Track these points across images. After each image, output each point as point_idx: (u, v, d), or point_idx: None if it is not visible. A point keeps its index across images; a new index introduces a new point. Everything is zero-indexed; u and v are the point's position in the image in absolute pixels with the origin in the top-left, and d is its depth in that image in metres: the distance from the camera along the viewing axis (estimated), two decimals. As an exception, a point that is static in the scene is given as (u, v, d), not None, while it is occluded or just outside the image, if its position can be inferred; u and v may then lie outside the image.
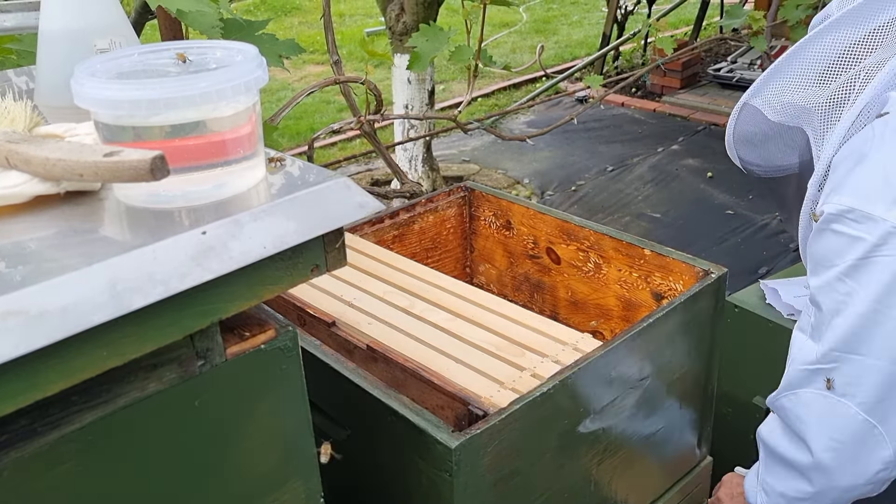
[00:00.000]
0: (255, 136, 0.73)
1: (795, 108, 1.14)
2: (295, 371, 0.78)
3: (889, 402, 1.00)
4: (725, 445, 1.66)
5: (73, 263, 0.59)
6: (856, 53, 1.08)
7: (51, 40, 0.84)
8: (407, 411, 1.02)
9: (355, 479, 1.19)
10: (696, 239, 3.65)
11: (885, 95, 1.02)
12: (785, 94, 1.15)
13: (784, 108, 1.15)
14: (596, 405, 1.14)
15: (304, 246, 0.71)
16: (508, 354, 1.19)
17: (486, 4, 2.07)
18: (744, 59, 5.76)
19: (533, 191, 4.47)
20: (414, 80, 3.78)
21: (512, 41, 7.35)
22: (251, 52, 0.73)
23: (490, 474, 1.01)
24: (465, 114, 2.34)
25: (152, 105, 0.65)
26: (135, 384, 0.67)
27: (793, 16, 2.82)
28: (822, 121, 1.09)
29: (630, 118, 5.46)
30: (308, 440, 0.81)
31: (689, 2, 6.19)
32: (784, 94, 1.15)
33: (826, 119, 1.08)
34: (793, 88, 1.14)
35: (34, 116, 0.77)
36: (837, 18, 1.10)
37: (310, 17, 8.30)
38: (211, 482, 0.75)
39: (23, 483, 0.62)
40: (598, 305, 1.56)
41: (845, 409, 1.02)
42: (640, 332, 1.17)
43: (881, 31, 1.07)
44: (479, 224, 1.74)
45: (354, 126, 1.88)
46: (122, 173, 0.62)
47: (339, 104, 5.76)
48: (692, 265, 1.36)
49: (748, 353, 1.77)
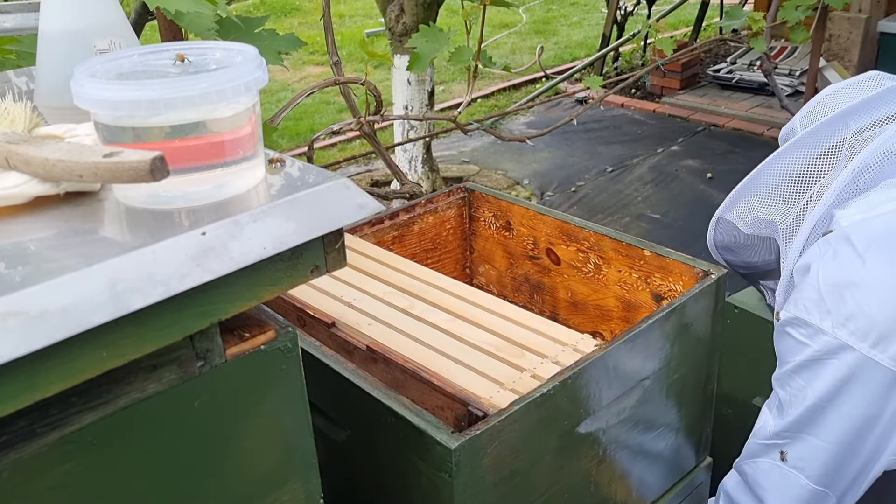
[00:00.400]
0: (255, 136, 0.73)
1: (764, 222, 1.27)
2: (295, 372, 0.78)
3: (835, 474, 1.13)
4: (725, 446, 1.65)
5: (72, 264, 0.59)
6: (814, 172, 1.20)
7: (50, 41, 0.84)
8: (407, 412, 1.02)
9: (355, 480, 1.19)
10: (695, 240, 3.64)
11: (831, 212, 1.14)
12: (754, 209, 1.28)
13: (755, 221, 1.28)
14: (596, 406, 1.14)
15: (304, 247, 0.71)
16: (508, 355, 1.19)
17: (485, 5, 2.07)
18: (743, 60, 5.77)
19: (533, 192, 4.47)
20: (414, 80, 3.78)
21: (512, 42, 7.36)
22: (251, 53, 0.73)
23: (490, 475, 1.01)
24: (464, 115, 2.34)
25: (152, 106, 0.65)
26: (134, 385, 0.67)
27: (792, 17, 2.82)
28: (786, 236, 1.22)
29: (630, 119, 5.46)
30: (308, 441, 0.81)
31: (688, 3, 6.19)
32: (753, 209, 1.28)
33: (788, 235, 1.22)
34: (760, 205, 1.27)
35: (34, 117, 0.77)
36: (798, 139, 1.22)
37: (309, 18, 8.30)
38: (210, 483, 0.75)
39: (22, 484, 0.62)
40: (597, 306, 1.56)
41: (797, 480, 1.15)
42: (640, 333, 1.17)
43: (833, 153, 1.19)
44: (478, 225, 1.74)
45: (354, 127, 1.88)
46: (122, 174, 0.62)
47: (338, 105, 5.76)
48: (692, 266, 1.36)
49: (748, 353, 1.77)
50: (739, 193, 1.29)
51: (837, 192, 1.13)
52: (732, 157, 4.62)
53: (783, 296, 1.19)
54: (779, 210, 1.24)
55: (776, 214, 1.24)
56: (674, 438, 1.36)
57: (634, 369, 1.19)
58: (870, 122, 1.18)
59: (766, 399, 1.22)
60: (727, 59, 5.91)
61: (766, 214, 1.26)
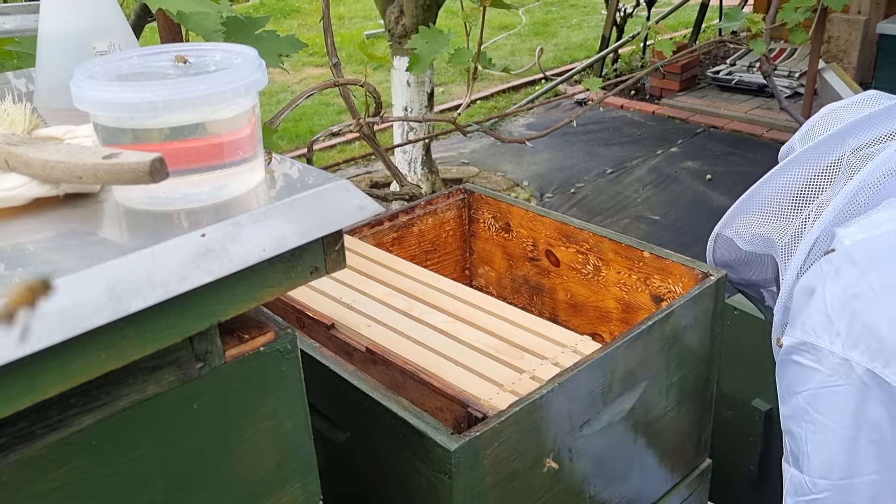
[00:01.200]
0: (255, 138, 0.73)
1: (762, 239, 1.25)
2: (294, 373, 0.78)
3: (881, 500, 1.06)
4: (725, 448, 1.66)
5: (72, 266, 0.59)
6: (813, 189, 1.19)
7: (50, 42, 0.84)
8: (406, 414, 1.02)
9: (354, 482, 1.19)
10: (695, 241, 3.65)
11: (832, 230, 1.11)
12: (752, 226, 1.26)
13: (753, 238, 1.27)
14: (595, 408, 1.14)
15: (304, 248, 0.71)
16: (508, 357, 1.19)
17: (485, 7, 2.07)
18: (742, 62, 5.78)
19: (532, 193, 4.47)
20: (413, 82, 3.78)
21: (511, 44, 7.36)
22: (250, 55, 0.73)
23: (490, 476, 1.01)
24: (464, 116, 2.34)
25: (151, 107, 0.65)
26: (134, 386, 0.67)
27: (791, 18, 2.82)
28: (784, 253, 1.20)
29: (629, 120, 5.47)
30: (307, 442, 0.81)
31: (688, 5, 6.19)
32: (751, 226, 1.26)
33: (787, 252, 1.19)
34: (758, 221, 1.25)
35: (33, 119, 0.77)
36: (796, 156, 1.21)
37: (309, 20, 8.31)
38: (210, 484, 0.75)
39: (21, 486, 0.62)
40: (597, 308, 1.56)
41: None
42: (640, 335, 1.17)
43: (831, 170, 1.18)
44: (478, 226, 1.74)
45: (354, 128, 1.88)
46: (122, 175, 0.62)
47: (338, 106, 5.76)
48: (691, 267, 1.36)
49: (748, 355, 1.77)
50: (737, 210, 1.28)
51: (838, 209, 1.12)
52: (732, 158, 4.62)
53: (781, 314, 1.17)
54: (777, 226, 1.22)
55: (774, 231, 1.23)
56: (673, 440, 1.36)
57: (634, 371, 1.19)
58: (868, 140, 1.17)
59: (765, 400, 1.20)
60: (726, 60, 5.92)
61: (764, 231, 1.25)
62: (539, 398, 1.04)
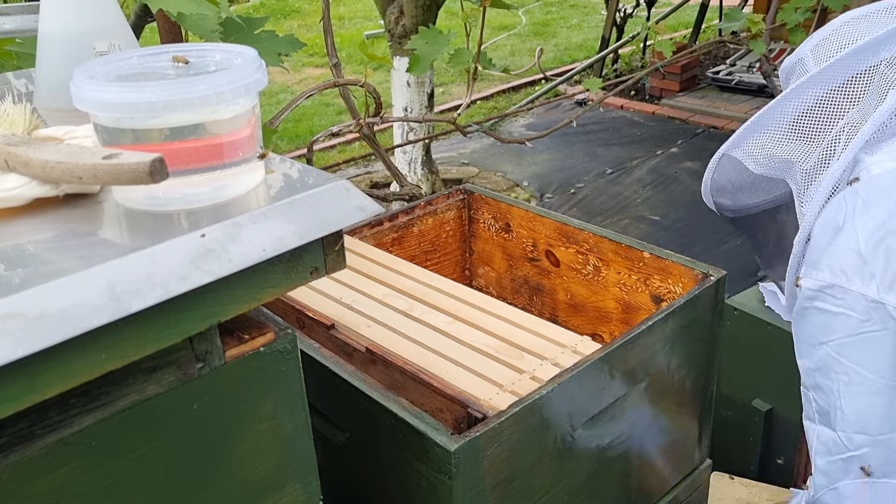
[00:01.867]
0: (255, 138, 0.73)
1: (779, 161, 1.13)
2: (294, 373, 0.78)
3: None
4: (725, 448, 1.66)
5: (72, 266, 0.59)
6: (837, 107, 1.07)
7: (50, 43, 0.84)
8: (406, 414, 1.02)
9: (354, 482, 1.19)
10: (695, 241, 3.65)
11: (857, 157, 1.01)
12: (767, 146, 1.14)
13: (767, 160, 1.14)
14: (595, 408, 1.14)
15: (304, 248, 0.71)
16: (508, 357, 1.19)
17: (485, 7, 2.07)
18: (742, 63, 5.77)
19: (532, 193, 4.47)
20: (413, 82, 3.78)
21: (511, 44, 7.36)
22: (250, 55, 0.73)
23: (489, 477, 1.01)
24: (464, 116, 2.34)
25: (151, 107, 0.65)
26: (134, 387, 0.67)
27: (791, 19, 2.82)
28: (805, 176, 1.08)
29: (629, 121, 5.47)
30: (307, 443, 0.81)
31: (688, 5, 6.19)
32: (766, 147, 1.14)
33: (809, 176, 1.08)
34: (775, 142, 1.13)
35: (33, 119, 0.77)
36: (819, 72, 1.08)
37: (309, 20, 8.31)
38: (210, 485, 0.75)
39: (21, 486, 0.62)
40: (597, 308, 1.56)
41: (892, 489, 0.98)
42: (640, 335, 1.17)
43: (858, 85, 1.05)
44: (478, 227, 1.74)
45: (354, 129, 1.88)
46: (122, 176, 0.62)
47: (338, 107, 5.76)
48: (691, 268, 1.36)
49: (748, 355, 1.77)
50: (749, 129, 1.15)
51: (869, 133, 0.99)
52: (732, 158, 4.62)
53: (801, 246, 1.05)
54: (798, 148, 1.10)
55: (795, 153, 1.10)
56: (673, 440, 1.36)
57: (634, 371, 1.19)
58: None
59: (765, 400, 1.17)
60: (726, 61, 5.92)
61: (783, 153, 1.12)
62: (539, 398, 1.04)
